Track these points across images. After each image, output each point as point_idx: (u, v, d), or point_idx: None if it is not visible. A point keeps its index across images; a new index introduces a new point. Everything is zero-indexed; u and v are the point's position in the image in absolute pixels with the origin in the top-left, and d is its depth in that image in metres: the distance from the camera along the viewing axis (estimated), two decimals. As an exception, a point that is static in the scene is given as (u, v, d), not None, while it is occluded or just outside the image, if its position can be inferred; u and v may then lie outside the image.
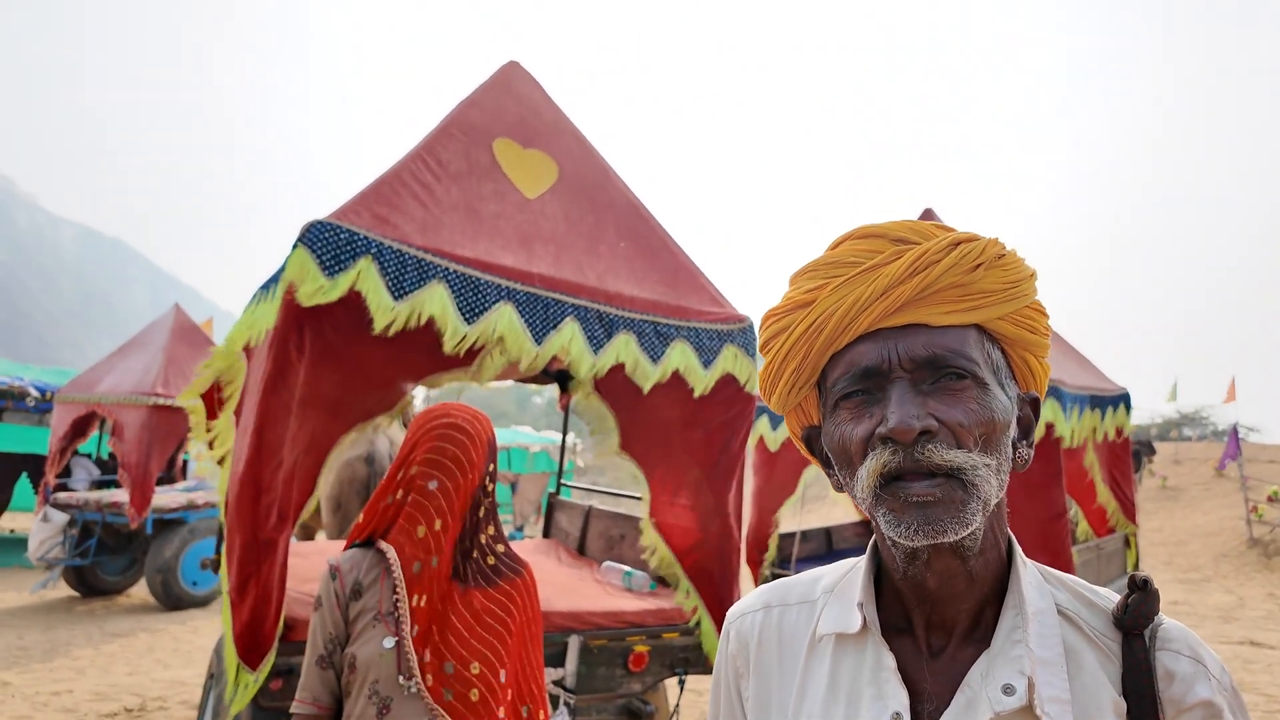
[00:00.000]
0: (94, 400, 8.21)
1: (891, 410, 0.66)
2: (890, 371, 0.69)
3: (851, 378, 0.71)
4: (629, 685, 3.05)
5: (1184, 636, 0.70)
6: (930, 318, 0.69)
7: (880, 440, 0.67)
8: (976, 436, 0.67)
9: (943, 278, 0.69)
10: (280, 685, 2.42)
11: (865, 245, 0.73)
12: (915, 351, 0.68)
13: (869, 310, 0.70)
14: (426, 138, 3.08)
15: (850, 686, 0.73)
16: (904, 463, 0.66)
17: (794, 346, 0.74)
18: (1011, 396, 0.73)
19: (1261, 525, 12.91)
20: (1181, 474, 18.66)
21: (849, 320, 0.70)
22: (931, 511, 0.65)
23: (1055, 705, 0.65)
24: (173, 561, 7.89)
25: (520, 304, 2.76)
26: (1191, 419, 31.90)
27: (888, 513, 0.67)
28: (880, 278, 0.70)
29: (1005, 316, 0.72)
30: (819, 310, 0.72)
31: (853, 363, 0.71)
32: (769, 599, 0.86)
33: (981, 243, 0.71)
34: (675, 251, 3.52)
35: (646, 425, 3.36)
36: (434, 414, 1.63)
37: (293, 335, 2.45)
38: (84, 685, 5.38)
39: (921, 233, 0.72)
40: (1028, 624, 0.69)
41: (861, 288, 0.70)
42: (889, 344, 0.69)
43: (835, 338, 0.72)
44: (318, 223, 2.46)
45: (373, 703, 1.48)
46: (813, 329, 0.72)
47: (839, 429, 0.72)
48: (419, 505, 1.57)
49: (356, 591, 1.56)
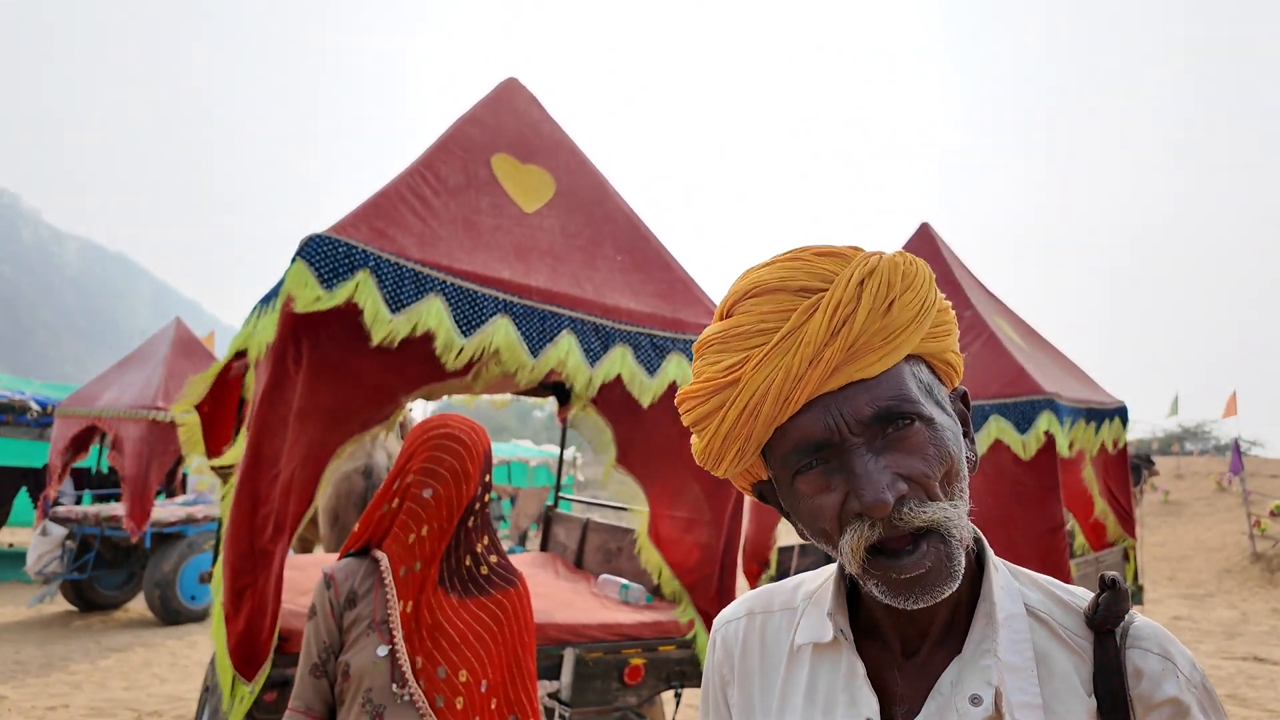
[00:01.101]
0: (94, 414, 8.23)
1: (861, 487, 0.64)
2: (843, 441, 0.66)
3: (803, 452, 0.67)
4: (624, 698, 3.04)
5: (1155, 634, 0.70)
6: (862, 372, 0.66)
7: (855, 516, 0.65)
8: (940, 479, 0.66)
9: (865, 328, 0.65)
10: (275, 697, 2.42)
11: (768, 305, 0.68)
12: (861, 413, 0.65)
13: (803, 382, 0.65)
14: (425, 153, 3.12)
15: (826, 694, 0.75)
16: (885, 533, 0.65)
17: (731, 430, 0.69)
18: (945, 405, 0.71)
19: (1264, 540, 12.86)
20: (1183, 489, 18.60)
21: (785, 396, 0.66)
22: (925, 582, 0.64)
23: (1025, 711, 0.66)
24: (171, 576, 7.87)
25: (517, 317, 2.79)
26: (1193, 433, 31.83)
27: (881, 585, 0.66)
28: (804, 345, 0.65)
29: (925, 338, 0.70)
30: (749, 391, 0.67)
31: (801, 438, 0.67)
32: (752, 606, 0.87)
33: (882, 272, 0.67)
34: (671, 264, 3.55)
35: (644, 439, 3.38)
36: (431, 424, 1.65)
37: (290, 347, 2.47)
38: (80, 700, 5.36)
39: (817, 273, 0.68)
40: (997, 633, 0.69)
41: (789, 358, 0.66)
42: (832, 411, 0.66)
43: (775, 415, 0.67)
44: (316, 236, 2.49)
45: (366, 711, 1.48)
46: (748, 411, 0.68)
47: (804, 502, 0.69)
48: (413, 513, 1.58)
49: (351, 600, 1.57)
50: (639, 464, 3.43)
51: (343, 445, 2.85)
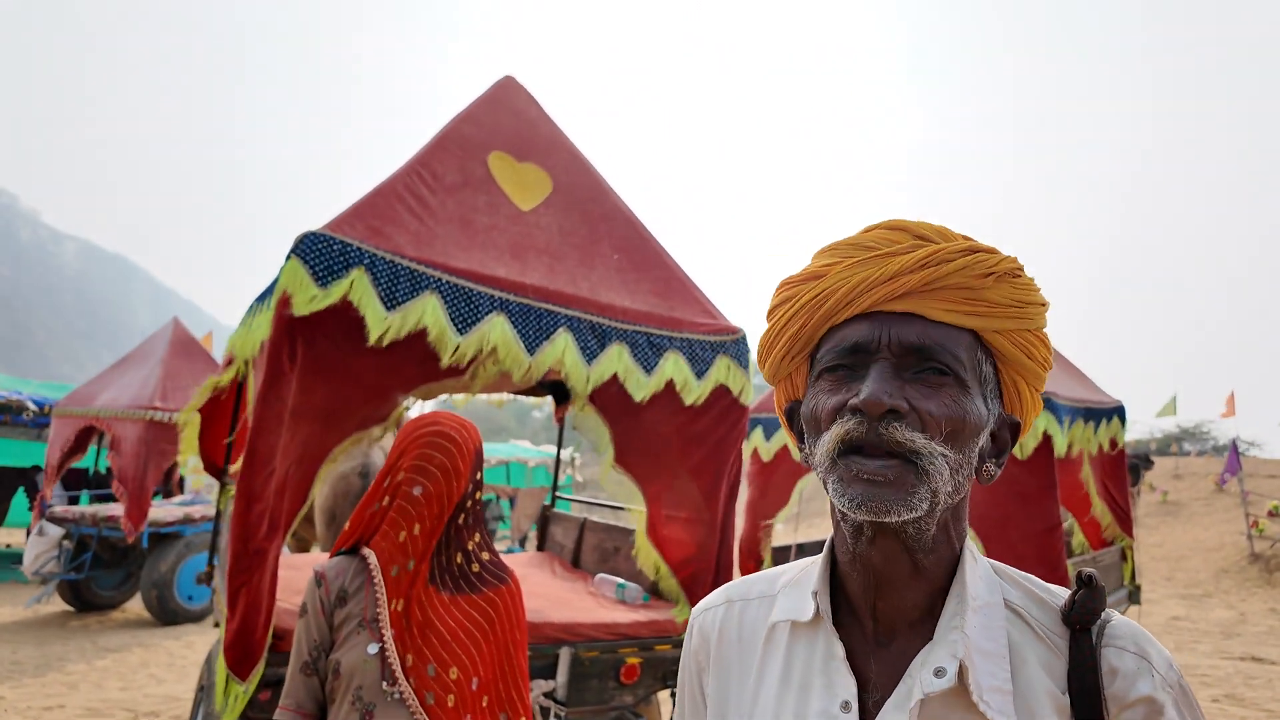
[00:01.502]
0: (91, 414, 8.21)
1: (867, 384, 0.68)
2: (877, 351, 0.71)
3: (840, 351, 0.73)
4: (621, 697, 3.04)
5: (1131, 633, 0.70)
6: (929, 311, 0.71)
7: (850, 410, 0.69)
8: (943, 429, 0.68)
9: (950, 277, 0.71)
10: (269, 696, 2.41)
11: (888, 234, 0.75)
12: (906, 337, 0.70)
13: (872, 291, 0.72)
14: (421, 151, 3.12)
15: (802, 675, 0.74)
16: (866, 435, 0.67)
17: (795, 314, 0.77)
18: (992, 411, 0.74)
19: (1262, 540, 12.86)
20: (1182, 489, 18.61)
21: (852, 296, 0.73)
22: (879, 490, 0.66)
23: (996, 695, 0.66)
24: (168, 576, 7.85)
25: (513, 315, 2.78)
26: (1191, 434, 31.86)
27: (837, 481, 0.69)
28: (891, 264, 0.72)
29: (1005, 333, 0.73)
30: (826, 283, 0.74)
31: (844, 337, 0.73)
32: (730, 594, 0.87)
33: (998, 255, 0.72)
34: (669, 263, 3.54)
35: (642, 438, 3.37)
36: (422, 422, 1.64)
37: (285, 345, 2.46)
38: (76, 700, 5.34)
39: (945, 235, 0.74)
40: (966, 613, 0.70)
41: (871, 269, 0.72)
42: (883, 326, 0.71)
43: (836, 311, 0.74)
44: (311, 234, 2.48)
45: (356, 709, 1.48)
46: (816, 300, 0.75)
47: (816, 398, 0.74)
48: (403, 511, 1.57)
49: (342, 598, 1.57)
50: (637, 463, 3.42)
51: (339, 445, 2.84)
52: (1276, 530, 13.18)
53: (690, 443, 3.35)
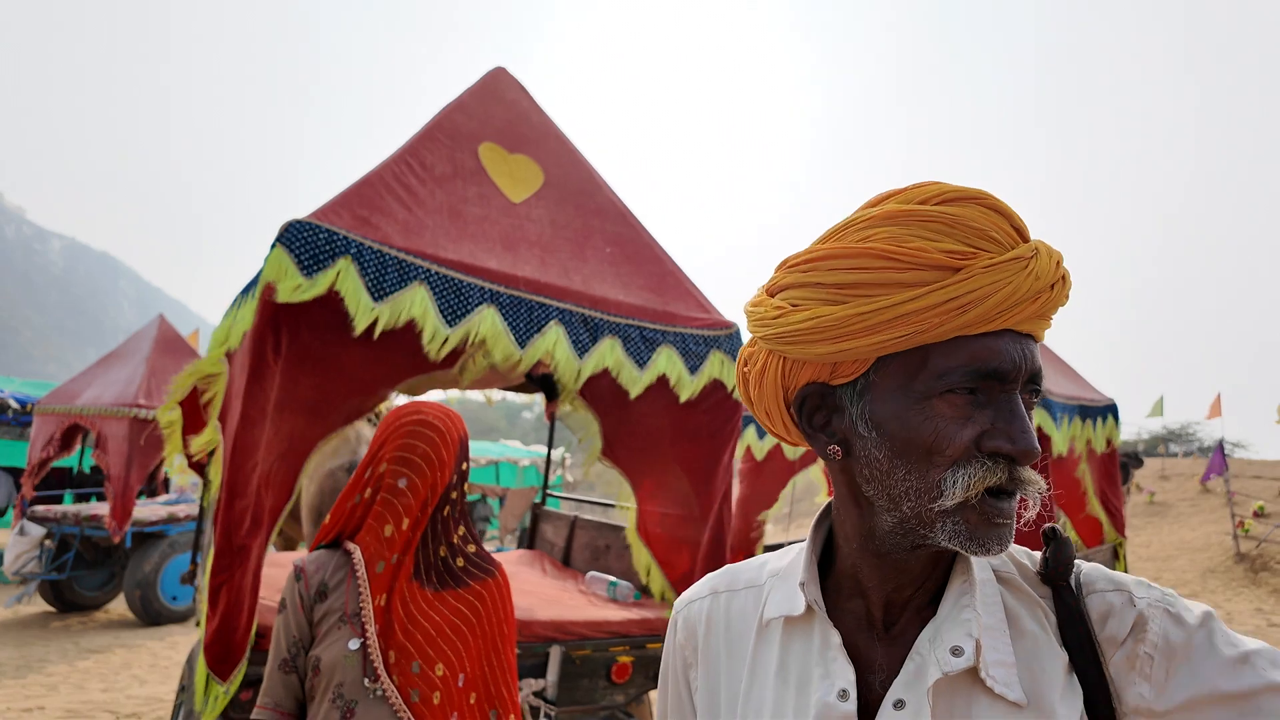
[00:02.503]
0: (74, 412, 8.09)
1: (1021, 430, 0.63)
2: (1015, 381, 0.64)
3: (973, 374, 0.63)
4: (612, 697, 2.99)
5: (1103, 574, 0.71)
6: (1038, 330, 0.67)
7: (992, 454, 0.63)
8: None
9: (1059, 295, 0.66)
10: (250, 696, 2.35)
11: (994, 220, 0.64)
12: (1034, 364, 0.65)
13: (1020, 308, 0.62)
14: (410, 140, 3.06)
15: (800, 670, 0.72)
16: (1008, 482, 0.63)
17: (915, 314, 0.62)
18: None
19: (1248, 540, 12.95)
20: (1168, 489, 18.72)
21: (1001, 311, 0.62)
22: (1005, 532, 0.64)
23: (1001, 669, 0.65)
24: (152, 576, 7.74)
25: (503, 307, 2.73)
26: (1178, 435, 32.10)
27: (962, 524, 0.64)
28: (1035, 275, 0.62)
29: None
30: (971, 286, 0.61)
31: (984, 357, 0.63)
32: (716, 585, 0.84)
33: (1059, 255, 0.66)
34: (662, 257, 3.50)
35: (631, 431, 3.33)
36: (404, 411, 1.59)
37: (269, 336, 2.41)
38: (56, 702, 5.25)
39: (1022, 229, 0.66)
40: (974, 589, 0.69)
41: (1021, 277, 0.62)
42: (1021, 350, 0.64)
43: (976, 323, 0.62)
44: (296, 222, 2.42)
45: (337, 706, 1.43)
46: (956, 305, 0.62)
47: (935, 422, 0.64)
48: (387, 504, 1.52)
49: (322, 593, 1.51)
50: (626, 457, 3.38)
51: (324, 438, 2.78)
52: (1262, 530, 13.27)
53: (682, 438, 3.31)
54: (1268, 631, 8.71)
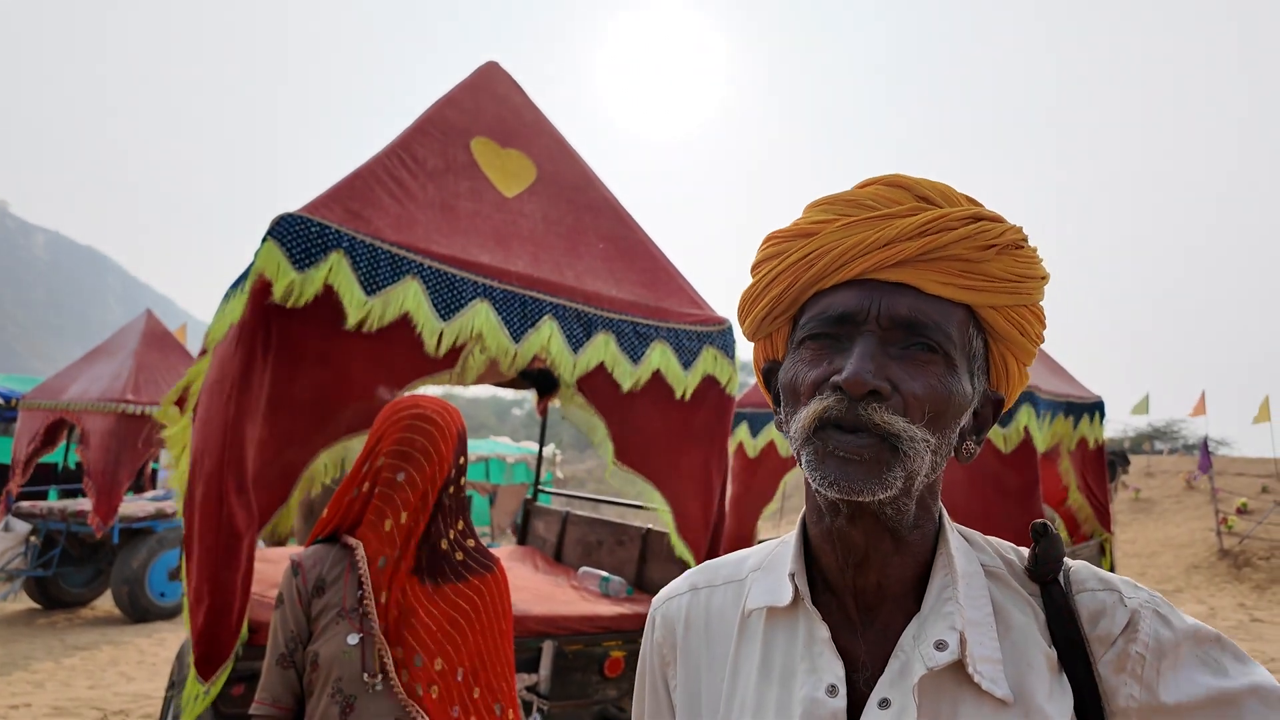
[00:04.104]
0: (60, 407, 8.00)
1: (851, 361, 0.64)
2: (864, 323, 0.67)
3: (824, 320, 0.68)
4: (605, 691, 3.00)
5: (1092, 573, 0.71)
6: (924, 283, 0.67)
7: (831, 387, 0.65)
8: (925, 411, 0.65)
9: (951, 247, 0.66)
10: (242, 690, 2.34)
11: (888, 193, 0.70)
12: (897, 310, 0.66)
13: (867, 256, 0.67)
14: (402, 134, 3.05)
15: (783, 664, 0.71)
16: (845, 414, 0.64)
17: (781, 273, 0.72)
18: (977, 389, 0.70)
19: (1231, 537, 13.10)
20: (1153, 486, 18.90)
21: (844, 260, 0.68)
22: (853, 468, 0.63)
23: (987, 665, 0.65)
24: (139, 572, 7.69)
25: (497, 301, 2.73)
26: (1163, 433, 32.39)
27: (812, 455, 0.66)
28: (889, 228, 0.67)
29: (1000, 309, 0.69)
30: (818, 243, 0.69)
31: (831, 305, 0.68)
32: (695, 581, 0.82)
33: (1002, 225, 0.68)
34: (655, 253, 3.50)
35: (638, 433, 3.28)
36: (402, 405, 1.59)
37: (259, 331, 2.39)
38: (42, 699, 5.20)
39: (948, 197, 0.70)
40: (957, 583, 0.68)
41: (867, 232, 0.68)
42: (873, 296, 0.67)
43: (825, 274, 0.69)
44: (288, 215, 2.41)
45: (335, 701, 1.42)
46: (806, 260, 0.70)
47: (796, 368, 0.70)
48: (385, 498, 1.52)
49: (319, 588, 1.51)
50: (640, 460, 3.30)
51: (325, 447, 2.71)
52: (1245, 527, 13.43)
53: (683, 435, 3.30)
54: (1250, 626, 8.82)
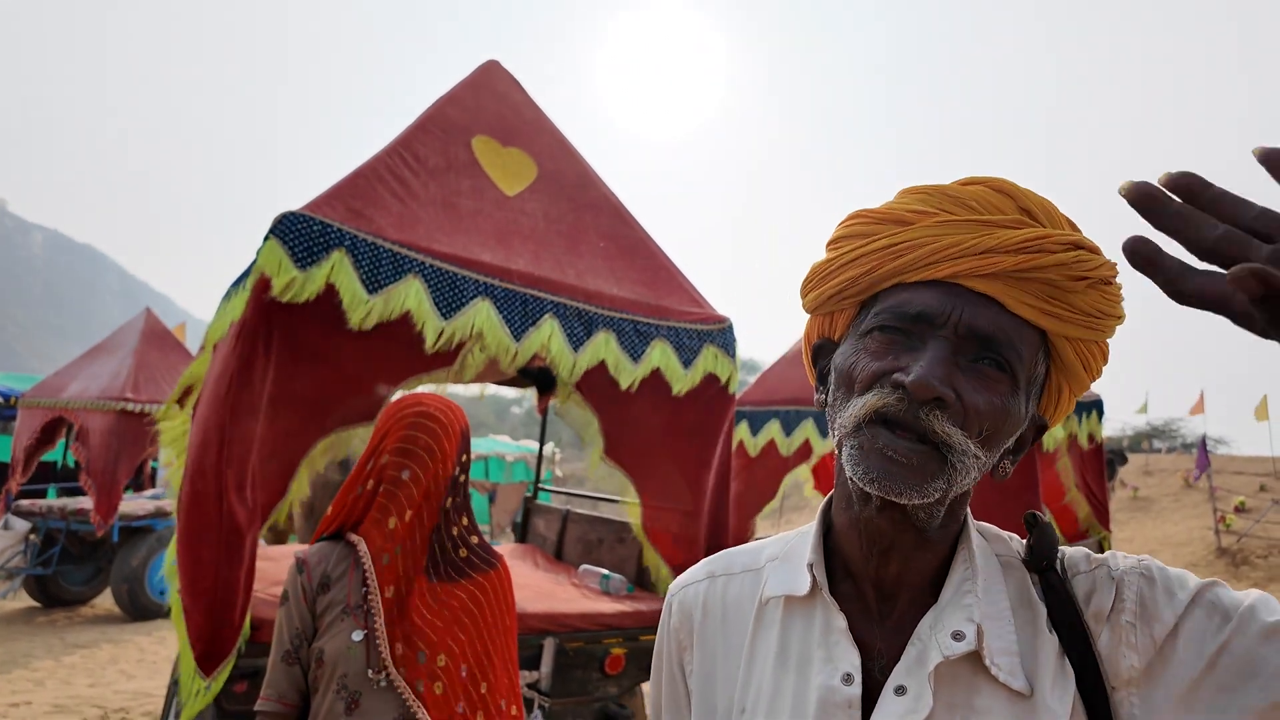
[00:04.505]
0: (60, 405, 8.00)
1: (922, 363, 0.62)
2: (941, 327, 0.65)
3: (900, 314, 0.67)
4: (605, 688, 3.01)
5: (1083, 554, 0.71)
6: (1009, 299, 0.65)
7: (893, 384, 0.64)
8: (983, 428, 0.64)
9: (1046, 270, 0.64)
10: (246, 687, 2.35)
11: (992, 198, 0.68)
12: (977, 322, 0.64)
13: (960, 260, 0.65)
14: (404, 133, 3.06)
15: (800, 652, 0.71)
16: (904, 414, 0.63)
17: (863, 256, 0.69)
18: (1029, 412, 0.70)
19: (1229, 535, 13.13)
20: (1152, 485, 18.94)
21: (935, 258, 0.66)
22: (896, 470, 0.62)
23: (1005, 657, 0.65)
24: (139, 570, 7.69)
25: (498, 300, 2.73)
26: (1161, 431, 32.44)
27: (856, 449, 0.65)
28: (990, 236, 0.65)
29: (1073, 340, 0.68)
30: (913, 235, 0.67)
31: (911, 301, 0.67)
32: (713, 568, 0.83)
33: (1100, 259, 0.66)
34: (655, 251, 3.51)
35: (631, 429, 3.32)
36: (405, 403, 1.60)
37: (261, 329, 2.40)
38: (42, 697, 5.21)
39: (1051, 216, 0.68)
40: (977, 575, 0.69)
41: (965, 235, 0.65)
42: (957, 301, 0.65)
43: (911, 268, 0.67)
44: (290, 214, 2.41)
45: (341, 697, 1.43)
46: (894, 249, 0.68)
47: (858, 355, 0.68)
48: (390, 495, 1.53)
49: (324, 585, 1.52)
50: (628, 456, 3.36)
51: (322, 439, 2.76)
52: (1243, 525, 13.46)
53: (678, 433, 3.32)
54: (1248, 624, 8.85)
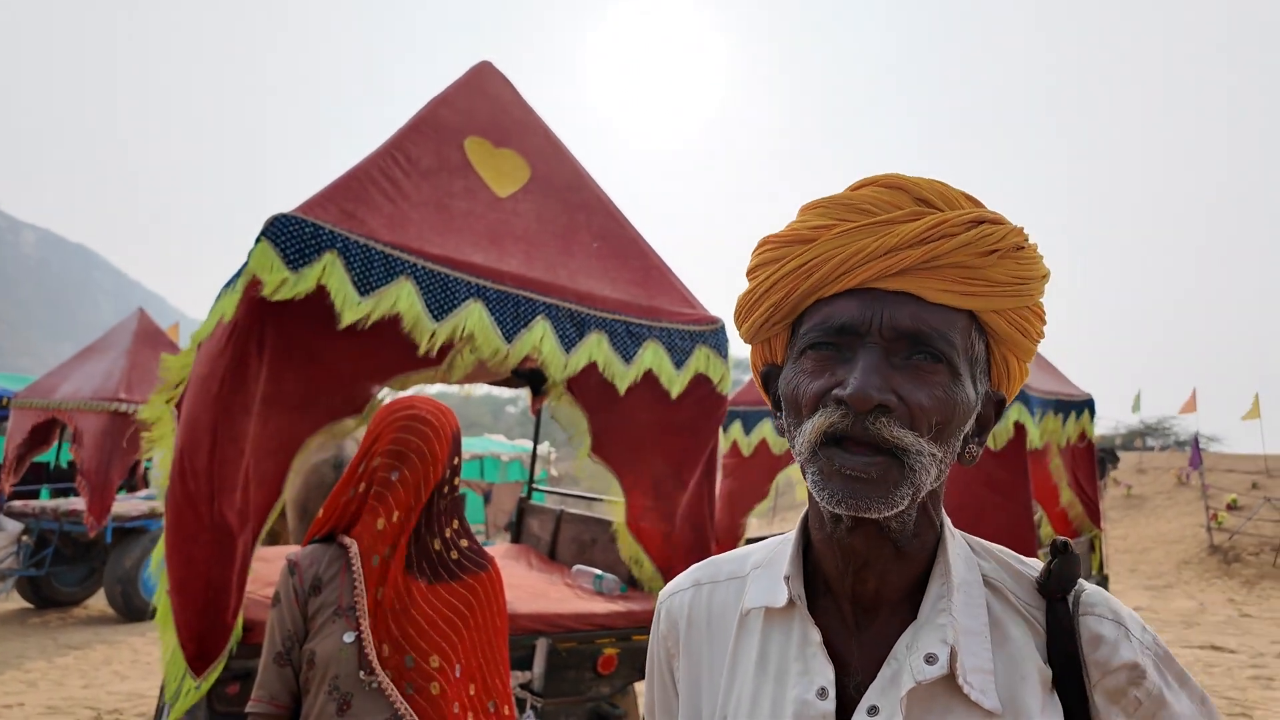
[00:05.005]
0: (52, 406, 7.98)
1: (855, 375, 0.63)
2: (867, 335, 0.65)
3: (826, 330, 0.67)
4: (598, 688, 3.02)
5: (1105, 600, 0.70)
6: (925, 291, 0.66)
7: (834, 401, 0.64)
8: (932, 423, 0.64)
9: (953, 254, 0.65)
10: (238, 689, 2.35)
11: (886, 196, 0.68)
12: (900, 321, 0.65)
13: (867, 265, 0.66)
14: (396, 134, 3.06)
15: (778, 662, 0.72)
16: (851, 428, 0.63)
17: (779, 281, 0.70)
18: (980, 392, 0.70)
19: (1221, 533, 13.21)
20: (1145, 483, 19.03)
21: (844, 269, 0.67)
22: (860, 487, 0.63)
23: (978, 675, 0.65)
24: (133, 571, 7.68)
25: (490, 302, 2.74)
26: (1154, 429, 32.60)
27: (817, 474, 0.65)
28: (890, 235, 0.66)
29: (1002, 311, 0.68)
30: (817, 251, 0.68)
31: (832, 315, 0.67)
32: (699, 576, 0.84)
33: (1005, 228, 0.67)
34: (648, 252, 3.52)
35: (620, 428, 3.34)
36: (397, 406, 1.61)
37: (254, 331, 2.40)
38: (36, 698, 5.20)
39: (947, 199, 0.68)
40: (953, 593, 0.68)
41: (866, 240, 0.66)
42: (875, 306, 0.66)
43: (824, 284, 0.68)
44: (281, 216, 2.42)
45: (333, 699, 1.44)
46: (804, 269, 0.68)
47: (797, 378, 0.69)
48: (380, 497, 1.54)
49: (316, 587, 1.53)
50: (614, 453, 3.39)
51: (311, 436, 2.77)
52: (1235, 523, 13.54)
53: (668, 432, 3.34)
54: (1239, 621, 8.91)
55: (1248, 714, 5.28)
